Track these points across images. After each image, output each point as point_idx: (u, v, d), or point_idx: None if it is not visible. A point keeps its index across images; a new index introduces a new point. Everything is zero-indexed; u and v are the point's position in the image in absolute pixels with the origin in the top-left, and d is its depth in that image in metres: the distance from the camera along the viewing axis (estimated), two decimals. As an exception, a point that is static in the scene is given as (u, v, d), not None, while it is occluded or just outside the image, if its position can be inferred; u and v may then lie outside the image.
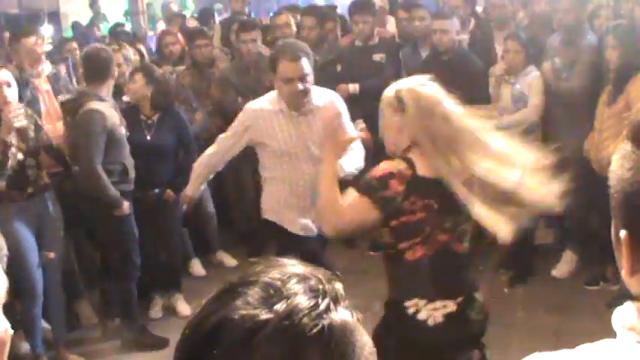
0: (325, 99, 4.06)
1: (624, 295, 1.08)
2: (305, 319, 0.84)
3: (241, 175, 6.06)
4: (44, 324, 4.66)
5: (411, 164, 2.77)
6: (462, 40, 5.69)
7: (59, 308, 4.66)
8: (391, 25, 7.13)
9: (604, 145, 4.61)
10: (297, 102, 3.96)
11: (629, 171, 0.99)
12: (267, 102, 4.06)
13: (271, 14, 8.84)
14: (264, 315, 0.84)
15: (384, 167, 2.81)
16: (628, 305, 1.04)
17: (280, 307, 0.85)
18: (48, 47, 5.51)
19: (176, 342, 0.93)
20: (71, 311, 5.15)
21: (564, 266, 5.49)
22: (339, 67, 6.06)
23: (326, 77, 6.07)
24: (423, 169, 2.77)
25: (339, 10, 8.03)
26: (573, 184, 2.88)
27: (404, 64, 5.86)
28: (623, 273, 1.04)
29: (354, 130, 3.91)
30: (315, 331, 0.84)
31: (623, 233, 1.02)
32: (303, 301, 0.86)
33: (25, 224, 4.29)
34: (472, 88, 5.04)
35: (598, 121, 4.80)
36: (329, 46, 6.29)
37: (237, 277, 0.93)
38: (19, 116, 4.11)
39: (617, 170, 1.03)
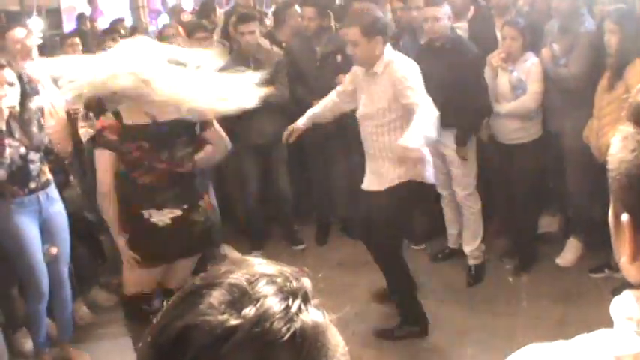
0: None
1: (628, 283, 1.05)
2: (276, 324, 0.80)
3: (244, 167, 6.06)
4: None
5: (119, 117, 3.78)
6: (460, 27, 5.64)
7: (65, 304, 4.64)
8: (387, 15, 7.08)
9: (604, 132, 4.57)
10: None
11: (632, 152, 0.97)
12: None
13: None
14: (233, 320, 0.79)
15: (98, 124, 3.95)
16: (626, 294, 1.01)
17: (249, 311, 0.80)
18: (38, 41, 5.46)
19: None
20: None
21: (569, 254, 5.47)
22: (339, 58, 6.02)
23: (327, 67, 6.06)
24: (129, 120, 3.77)
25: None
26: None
27: (404, 53, 5.81)
28: (623, 259, 1.02)
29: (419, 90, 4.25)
30: (287, 336, 0.79)
31: (625, 217, 1.00)
32: (273, 304, 0.81)
33: (27, 220, 4.26)
34: (466, 74, 5.01)
35: (597, 107, 4.77)
36: (329, 36, 6.25)
37: (200, 278, 0.87)
38: (4, 97, 4.10)
39: (618, 153, 1.00)
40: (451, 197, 5.48)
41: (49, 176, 4.38)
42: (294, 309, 0.82)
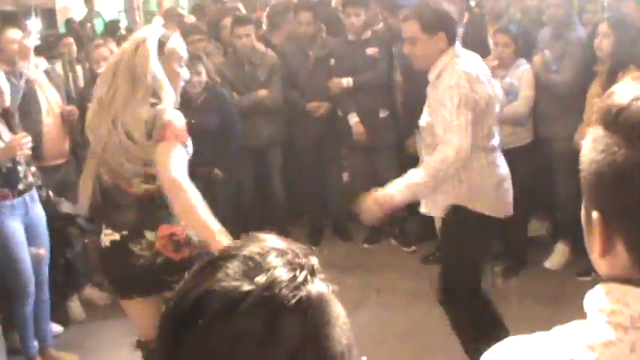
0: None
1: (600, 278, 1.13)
2: (284, 291, 0.89)
3: (238, 169, 6.10)
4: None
5: None
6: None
7: (46, 306, 4.61)
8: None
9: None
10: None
11: (602, 153, 1.03)
12: None
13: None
14: (246, 286, 0.88)
15: None
16: (598, 288, 1.09)
17: (260, 279, 0.89)
18: (36, 41, 5.50)
19: None
20: (63, 309, 5.20)
21: (557, 258, 5.55)
22: (332, 62, 6.09)
23: (320, 71, 6.13)
24: None
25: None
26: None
27: (396, 59, 5.88)
28: (595, 255, 1.09)
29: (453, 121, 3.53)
30: (293, 301, 0.89)
31: (595, 215, 1.07)
32: (282, 273, 0.90)
33: (16, 223, 4.26)
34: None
35: (588, 113, 4.85)
36: (322, 40, 6.31)
37: (218, 251, 0.97)
38: (27, 144, 4.16)
39: (589, 153, 1.07)
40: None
41: (32, 178, 4.39)
42: (300, 279, 0.91)
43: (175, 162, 3.04)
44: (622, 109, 1.03)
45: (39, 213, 4.44)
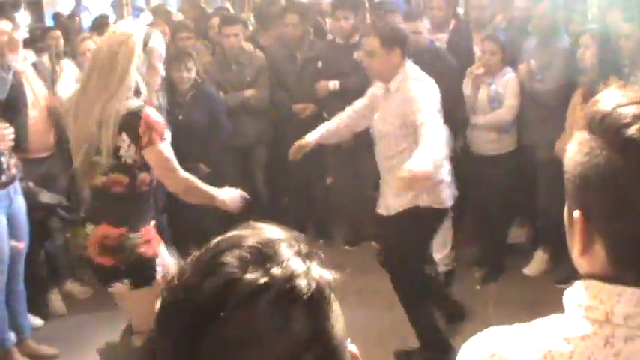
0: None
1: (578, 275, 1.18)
2: (302, 281, 0.92)
3: (222, 167, 6.12)
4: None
5: None
6: (440, 39, 5.77)
7: (22, 298, 4.59)
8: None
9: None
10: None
11: (586, 156, 1.10)
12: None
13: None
14: (264, 278, 0.90)
15: None
16: (576, 284, 1.14)
17: (277, 270, 0.92)
18: (25, 34, 5.51)
19: None
20: (43, 302, 5.20)
21: (536, 265, 5.61)
22: (319, 64, 6.12)
23: (307, 73, 6.16)
24: None
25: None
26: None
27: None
28: (575, 253, 1.15)
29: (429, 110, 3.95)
30: (309, 293, 0.92)
31: (577, 214, 1.13)
32: (297, 265, 0.93)
33: (1, 216, 4.24)
34: (444, 85, 5.12)
35: (569, 121, 4.92)
36: (309, 42, 6.34)
37: (219, 241, 0.97)
38: (9, 135, 4.17)
39: (574, 156, 1.14)
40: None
41: (15, 170, 4.38)
42: (313, 270, 0.95)
43: (171, 156, 3.18)
44: (606, 115, 1.09)
45: (21, 204, 4.42)
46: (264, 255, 0.93)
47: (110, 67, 3.14)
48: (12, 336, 4.52)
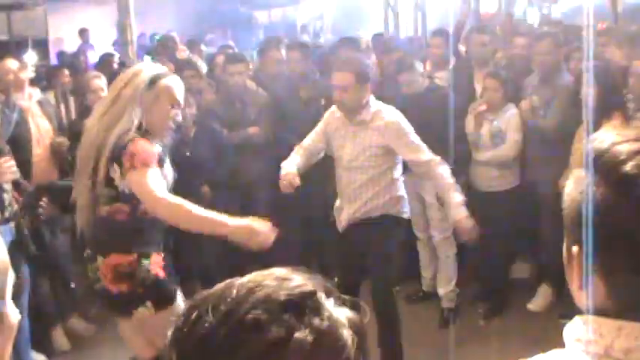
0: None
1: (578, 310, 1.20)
2: (341, 331, 0.96)
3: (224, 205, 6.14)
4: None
5: None
6: (440, 77, 5.83)
7: (25, 334, 4.55)
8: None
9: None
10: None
11: (581, 193, 1.13)
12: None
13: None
14: (310, 336, 0.92)
15: None
16: (576, 319, 1.16)
17: (320, 323, 0.94)
18: (31, 74, 5.58)
19: None
20: (48, 338, 5.18)
21: (540, 300, 5.60)
22: (322, 101, 6.16)
23: (310, 111, 6.19)
24: None
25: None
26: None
27: (387, 100, 5.96)
28: (574, 287, 1.17)
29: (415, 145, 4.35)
30: (350, 340, 0.96)
31: (575, 249, 1.15)
32: (339, 314, 0.97)
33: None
34: (445, 123, 5.15)
35: (573, 157, 4.94)
36: (313, 81, 6.40)
37: (244, 293, 0.97)
38: (11, 168, 4.19)
39: (571, 192, 1.17)
40: (427, 240, 5.62)
41: (16, 206, 4.39)
42: (350, 316, 0.99)
43: (154, 184, 3.14)
44: (602, 152, 1.13)
45: (18, 242, 4.36)
46: (307, 307, 0.95)
47: (113, 99, 3.26)
48: None
